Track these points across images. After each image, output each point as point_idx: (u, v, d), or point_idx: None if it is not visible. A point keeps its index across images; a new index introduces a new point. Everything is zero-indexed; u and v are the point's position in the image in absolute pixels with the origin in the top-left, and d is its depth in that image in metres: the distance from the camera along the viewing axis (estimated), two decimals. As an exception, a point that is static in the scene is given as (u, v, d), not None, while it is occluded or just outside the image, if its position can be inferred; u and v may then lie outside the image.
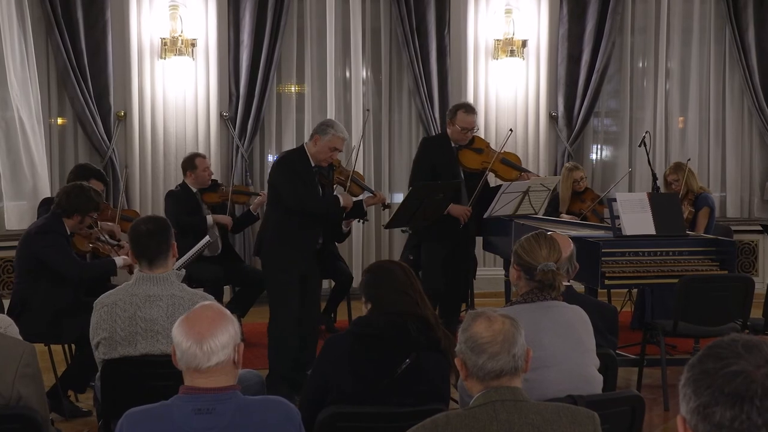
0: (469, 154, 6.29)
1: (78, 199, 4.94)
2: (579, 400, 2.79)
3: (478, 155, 6.30)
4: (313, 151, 5.16)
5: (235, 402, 2.36)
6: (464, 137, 6.19)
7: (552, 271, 3.12)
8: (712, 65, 8.56)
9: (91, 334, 3.42)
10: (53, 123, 7.55)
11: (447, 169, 6.14)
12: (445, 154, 6.20)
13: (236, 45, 7.69)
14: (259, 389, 3.60)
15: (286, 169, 5.16)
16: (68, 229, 4.98)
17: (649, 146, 6.96)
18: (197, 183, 6.45)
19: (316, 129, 5.22)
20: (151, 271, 3.42)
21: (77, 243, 5.20)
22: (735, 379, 1.36)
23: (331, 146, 5.12)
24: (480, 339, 2.31)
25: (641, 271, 5.28)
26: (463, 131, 6.15)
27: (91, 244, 5.30)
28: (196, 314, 2.41)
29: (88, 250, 5.29)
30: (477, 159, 6.29)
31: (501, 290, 7.01)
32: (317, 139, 5.15)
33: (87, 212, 4.98)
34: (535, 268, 3.13)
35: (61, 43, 7.21)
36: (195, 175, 6.42)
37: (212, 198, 6.51)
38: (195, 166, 6.42)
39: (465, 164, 6.24)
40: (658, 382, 5.30)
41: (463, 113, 6.14)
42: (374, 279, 3.14)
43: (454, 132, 6.18)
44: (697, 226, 6.54)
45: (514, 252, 3.26)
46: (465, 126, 6.15)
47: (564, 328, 3.08)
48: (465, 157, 6.26)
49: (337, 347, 3.03)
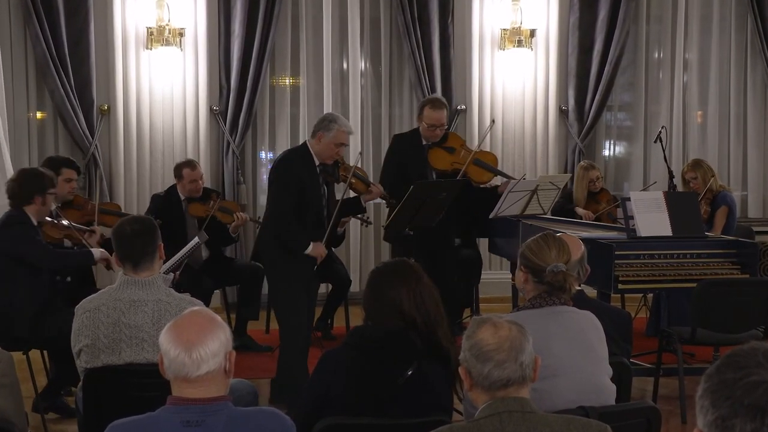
0: (440, 154, 6.22)
1: (29, 181, 4.94)
2: (591, 412, 2.79)
3: (448, 155, 6.23)
4: (317, 149, 5.12)
5: (226, 414, 2.36)
6: (433, 135, 6.14)
7: (562, 272, 3.12)
8: (733, 56, 8.56)
9: (73, 341, 3.42)
10: (32, 117, 7.56)
11: (415, 170, 6.08)
12: (415, 153, 6.15)
13: (227, 35, 7.69)
14: (252, 400, 3.60)
15: (285, 173, 5.10)
16: (34, 218, 4.94)
17: (666, 142, 6.96)
18: (185, 192, 6.46)
19: (318, 125, 5.15)
20: (136, 274, 3.43)
21: (48, 231, 5.21)
22: (756, 390, 1.36)
23: (336, 142, 5.09)
24: (485, 346, 2.31)
25: (657, 274, 5.28)
26: (430, 128, 6.10)
27: (62, 231, 5.30)
28: (185, 320, 2.41)
29: (60, 238, 5.30)
30: (447, 159, 6.22)
31: (507, 294, 7.01)
32: (321, 136, 5.08)
33: (44, 190, 4.94)
34: (544, 270, 3.13)
35: (40, 31, 7.21)
36: (182, 184, 6.44)
37: (197, 210, 6.44)
38: (181, 176, 6.43)
39: (434, 164, 6.19)
40: (674, 392, 5.30)
41: (430, 109, 6.08)
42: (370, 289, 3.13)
43: (423, 129, 6.15)
44: (715, 226, 6.54)
45: (520, 254, 3.26)
46: (432, 123, 6.09)
47: (575, 335, 3.08)
48: (434, 157, 6.19)
49: (334, 361, 3.04)
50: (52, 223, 5.25)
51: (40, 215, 5.01)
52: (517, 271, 3.28)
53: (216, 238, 6.48)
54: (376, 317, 3.08)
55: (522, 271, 3.23)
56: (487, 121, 8.01)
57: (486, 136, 6.20)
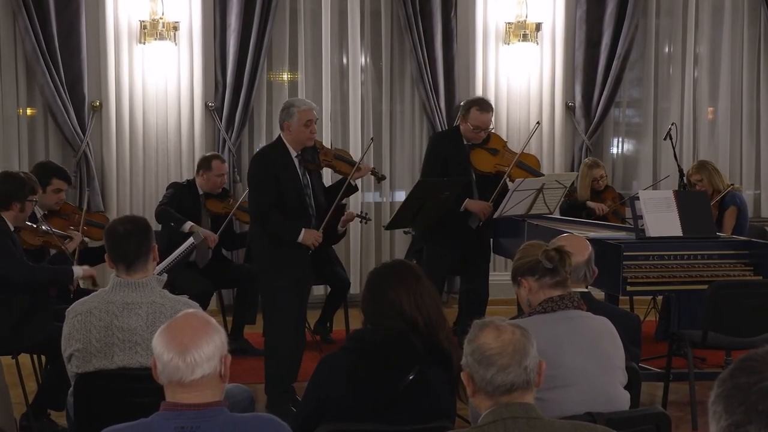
0: (482, 155, 6.28)
1: (9, 186, 4.87)
2: (598, 418, 2.79)
3: (492, 156, 6.30)
4: (290, 138, 5.19)
5: (221, 419, 2.36)
6: (477, 137, 6.21)
7: (555, 248, 3.13)
8: (746, 50, 8.56)
9: (63, 345, 3.42)
10: (21, 114, 7.55)
11: (458, 168, 6.16)
12: (457, 152, 6.21)
13: (223, 28, 7.69)
14: (249, 406, 3.60)
15: (258, 173, 5.19)
16: (10, 223, 4.87)
17: (676, 140, 6.96)
18: (207, 186, 6.49)
19: (281, 116, 5.24)
20: (129, 276, 3.43)
21: (26, 238, 5.15)
22: (770, 395, 1.36)
23: (303, 122, 5.15)
24: (488, 350, 2.31)
25: (667, 276, 5.28)
26: (476, 130, 6.17)
27: (40, 237, 5.26)
28: (179, 323, 2.41)
29: (38, 244, 5.26)
30: (490, 161, 6.29)
31: (513, 297, 6.96)
32: (288, 125, 5.18)
33: (24, 197, 4.89)
34: (538, 262, 3.13)
35: (30, 25, 7.21)
36: (207, 177, 6.47)
37: (215, 206, 6.52)
38: (210, 168, 6.47)
39: (477, 166, 6.24)
40: (685, 398, 5.30)
41: (478, 111, 6.15)
42: (369, 290, 3.13)
43: (466, 130, 6.20)
44: (724, 227, 6.54)
45: (512, 271, 3.25)
46: (479, 125, 6.16)
47: (588, 342, 3.06)
48: (477, 158, 6.25)
49: (333, 367, 3.03)
50: (31, 227, 5.20)
51: (17, 221, 4.95)
52: (518, 291, 3.25)
53: (227, 238, 6.52)
54: (375, 319, 3.08)
55: (521, 283, 3.21)
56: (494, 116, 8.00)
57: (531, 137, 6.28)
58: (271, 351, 5.29)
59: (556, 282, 3.15)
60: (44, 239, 5.27)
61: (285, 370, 5.24)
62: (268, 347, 5.31)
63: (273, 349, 5.28)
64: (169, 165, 7.61)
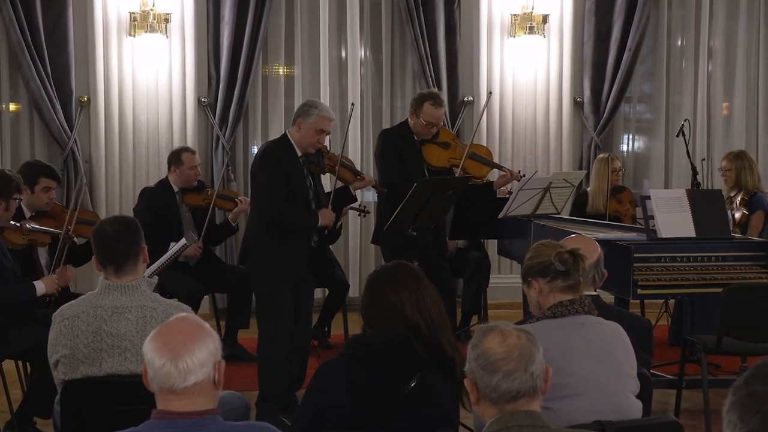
0: (435, 150, 6.32)
1: None
2: (608, 427, 2.79)
3: (444, 151, 6.34)
4: (297, 137, 5.18)
5: (215, 428, 2.36)
6: (428, 132, 6.26)
7: (568, 251, 3.13)
8: (762, 43, 8.56)
9: (49, 351, 3.42)
10: (5, 109, 7.56)
11: (411, 167, 6.16)
12: (409, 149, 6.23)
13: (216, 20, 7.69)
14: (243, 413, 3.61)
15: (269, 166, 5.16)
16: None
17: (689, 136, 6.95)
18: (181, 181, 6.47)
19: (299, 112, 5.23)
20: (118, 278, 3.42)
21: (11, 237, 5.14)
22: (786, 403, 1.36)
23: (317, 128, 5.14)
24: (492, 356, 2.31)
25: (679, 278, 5.27)
26: (428, 126, 6.21)
27: (25, 236, 5.25)
28: (171, 328, 2.41)
29: (24, 243, 5.25)
30: (443, 155, 6.33)
31: (518, 300, 7.00)
32: (300, 123, 5.16)
33: (9, 195, 4.91)
34: (551, 264, 3.13)
35: (14, 16, 7.22)
36: (179, 171, 6.45)
37: (194, 200, 6.51)
38: (181, 162, 6.45)
39: (430, 161, 6.29)
40: (699, 406, 5.30)
41: (431, 106, 6.17)
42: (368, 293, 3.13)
43: (416, 125, 6.23)
44: (750, 230, 6.53)
45: (523, 271, 3.25)
46: (431, 120, 6.19)
47: (599, 349, 3.06)
48: (430, 153, 6.30)
49: (331, 373, 3.04)
50: (15, 227, 5.21)
51: (0, 221, 4.97)
52: (528, 291, 3.25)
53: (214, 231, 6.52)
54: (375, 324, 3.08)
55: (531, 284, 3.21)
56: (496, 114, 8.03)
57: (483, 112, 6.34)
58: (263, 360, 5.25)
59: (568, 285, 3.14)
60: (30, 238, 5.27)
61: (278, 380, 5.20)
62: (260, 356, 5.28)
63: (265, 359, 5.24)
64: (160, 163, 7.59)
